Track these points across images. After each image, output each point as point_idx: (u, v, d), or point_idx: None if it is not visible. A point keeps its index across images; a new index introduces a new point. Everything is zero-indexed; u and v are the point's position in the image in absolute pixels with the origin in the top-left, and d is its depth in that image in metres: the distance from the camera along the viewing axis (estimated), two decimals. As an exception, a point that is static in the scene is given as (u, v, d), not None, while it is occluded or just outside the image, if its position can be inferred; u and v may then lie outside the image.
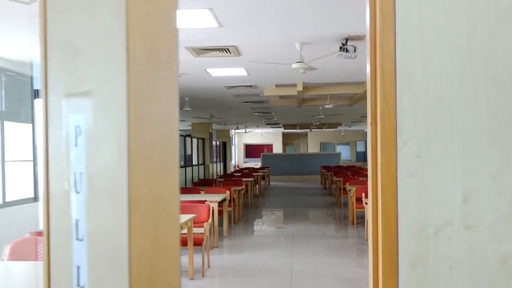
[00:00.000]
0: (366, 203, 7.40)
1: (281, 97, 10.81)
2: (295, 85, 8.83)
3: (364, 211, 9.79)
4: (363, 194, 7.84)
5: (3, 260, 3.73)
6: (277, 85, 9.08)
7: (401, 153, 1.03)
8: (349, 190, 9.65)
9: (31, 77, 7.03)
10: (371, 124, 1.10)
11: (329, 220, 10.32)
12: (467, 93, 1.00)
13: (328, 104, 9.99)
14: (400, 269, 1.00)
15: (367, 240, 7.71)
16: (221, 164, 23.21)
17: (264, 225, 9.63)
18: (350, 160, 29.60)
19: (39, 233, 4.19)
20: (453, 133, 1.01)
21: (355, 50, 5.20)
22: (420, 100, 1.01)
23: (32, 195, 7.04)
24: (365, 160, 29.03)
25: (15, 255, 3.75)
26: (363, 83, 8.87)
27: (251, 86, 9.10)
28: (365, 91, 8.91)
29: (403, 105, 1.02)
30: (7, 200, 6.39)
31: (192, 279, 5.53)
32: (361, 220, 9.76)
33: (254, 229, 9.26)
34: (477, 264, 0.98)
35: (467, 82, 1.00)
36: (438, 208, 1.01)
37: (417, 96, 1.02)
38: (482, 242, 0.98)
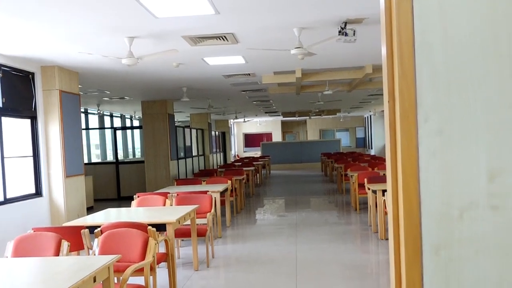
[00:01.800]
0: (369, 189, 7.35)
1: (279, 84, 10.72)
2: (293, 72, 8.74)
3: (366, 197, 9.77)
4: (365, 180, 7.80)
5: (7, 257, 3.69)
6: (275, 73, 8.99)
7: (421, 131, 0.96)
8: (351, 176, 9.61)
9: (33, 73, 6.94)
10: (388, 100, 1.04)
11: (332, 206, 10.30)
12: (490, 65, 0.93)
13: (327, 90, 9.90)
14: (423, 253, 0.95)
15: (370, 225, 7.69)
16: (221, 154, 23.16)
17: (267, 214, 9.60)
18: (350, 147, 29.58)
19: (43, 229, 4.14)
20: (477, 108, 0.95)
21: (354, 34, 5.11)
22: (441, 73, 0.94)
23: (34, 191, 6.99)
24: (365, 146, 29.02)
25: (18, 252, 3.70)
26: (362, 68, 8.79)
27: (249, 74, 9.01)
28: (365, 76, 8.85)
29: (422, 78, 0.95)
30: (8, 196, 6.34)
31: (197, 270, 5.50)
32: (363, 206, 9.73)
33: (256, 218, 9.23)
34: (505, 247, 0.92)
35: (490, 53, 0.94)
36: (462, 188, 0.94)
37: (437, 68, 0.95)
38: (509, 223, 0.92)
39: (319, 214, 9.17)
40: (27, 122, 6.94)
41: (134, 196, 6.51)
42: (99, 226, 4.25)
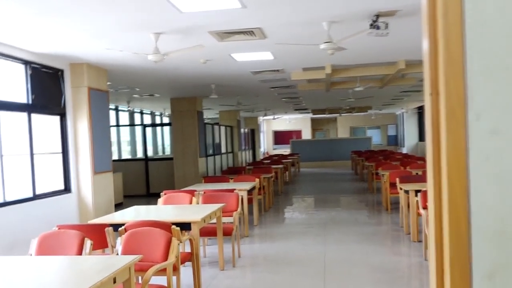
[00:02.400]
0: (401, 189, 7.09)
1: (309, 81, 10.51)
2: (323, 68, 8.53)
3: (398, 197, 9.48)
4: (397, 179, 7.54)
5: (31, 254, 3.66)
6: (304, 69, 8.80)
7: (472, 130, 0.79)
8: (382, 175, 9.34)
9: (62, 70, 6.98)
10: (430, 93, 0.87)
11: (362, 206, 10.05)
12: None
13: (358, 86, 9.64)
14: (474, 279, 0.78)
15: (402, 226, 7.43)
16: (250, 151, 23.08)
17: (295, 213, 9.44)
18: (381, 144, 29.01)
19: (67, 226, 4.12)
20: (541, 103, 0.77)
21: (386, 27, 4.88)
22: (497, 59, 0.77)
23: (62, 187, 7.04)
24: (396, 144, 28.42)
25: (42, 249, 3.68)
26: (394, 63, 8.50)
27: (277, 70, 8.85)
28: (397, 71, 8.55)
29: (474, 67, 0.78)
30: (37, 192, 6.39)
31: (223, 269, 5.40)
32: (394, 206, 9.44)
33: (285, 217, 9.08)
34: None
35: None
36: (521, 201, 0.77)
37: (493, 54, 0.78)
38: None
39: (348, 214, 8.95)
40: (56, 119, 6.98)
41: (161, 193, 6.47)
42: (123, 224, 4.20)
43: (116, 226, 4.29)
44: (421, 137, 24.09)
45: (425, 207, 5.48)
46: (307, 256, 5.92)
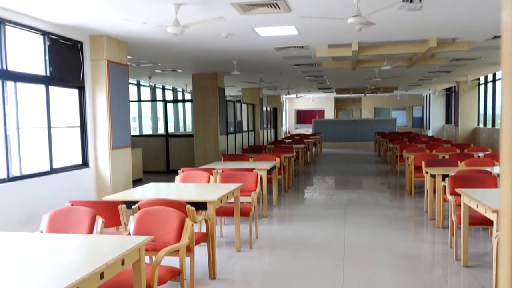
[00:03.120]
0: (427, 172, 6.80)
1: (334, 58, 10.17)
2: (349, 45, 8.19)
3: (422, 181, 9.17)
4: (423, 163, 7.24)
5: (42, 231, 3.57)
6: (330, 46, 8.47)
7: None
8: (407, 158, 9.03)
9: (81, 42, 6.84)
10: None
11: (384, 189, 9.78)
12: None
13: (386, 65, 9.26)
14: None
15: (426, 211, 7.17)
16: (272, 130, 22.86)
17: (315, 194, 9.24)
18: (406, 126, 28.41)
19: (80, 203, 4.01)
20: None
21: (420, 0, 4.55)
22: None
23: (80, 162, 6.98)
24: (422, 126, 27.78)
25: (53, 226, 3.58)
26: (425, 41, 8.09)
27: (302, 47, 8.54)
28: (428, 50, 8.15)
29: None
30: (55, 166, 6.33)
31: (239, 250, 5.26)
32: (418, 190, 9.15)
33: (304, 197, 8.90)
34: None
35: None
36: None
37: None
38: None
39: (370, 196, 8.70)
40: (74, 92, 6.88)
41: (179, 171, 6.34)
42: (137, 202, 4.07)
43: (130, 204, 4.17)
44: (448, 119, 23.42)
45: (452, 193, 5.21)
46: (326, 240, 5.73)
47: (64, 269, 2.39)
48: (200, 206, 4.36)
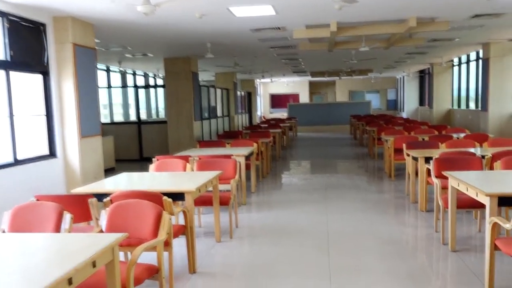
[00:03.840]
0: (408, 155, 6.67)
1: (311, 40, 9.91)
2: (327, 26, 7.94)
3: (402, 163, 9.08)
4: (403, 145, 7.11)
5: (4, 231, 3.23)
6: (307, 26, 8.21)
7: None
8: (386, 140, 8.92)
9: (44, 24, 6.39)
10: None
11: (363, 172, 9.67)
12: None
13: (364, 47, 9.07)
14: None
15: (407, 194, 7.06)
16: (247, 115, 22.56)
17: (294, 179, 9.05)
18: (380, 109, 28.53)
19: (46, 197, 3.68)
20: None
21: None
22: None
23: (47, 152, 6.58)
24: (396, 108, 27.95)
25: (15, 224, 3.24)
26: (404, 21, 7.91)
27: (278, 28, 8.25)
28: (407, 30, 7.96)
29: None
30: (19, 157, 5.92)
31: (219, 241, 5.02)
32: (397, 172, 9.07)
33: (283, 183, 8.70)
34: None
35: None
36: None
37: None
38: None
39: (350, 180, 8.57)
40: (38, 77, 6.44)
41: (153, 159, 6.02)
42: (109, 194, 3.77)
43: (102, 196, 3.86)
44: (422, 101, 23.59)
45: (438, 176, 5.07)
46: (308, 226, 5.54)
47: (27, 275, 2.11)
48: (177, 197, 4.08)
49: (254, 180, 7.87)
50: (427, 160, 5.95)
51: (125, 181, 4.64)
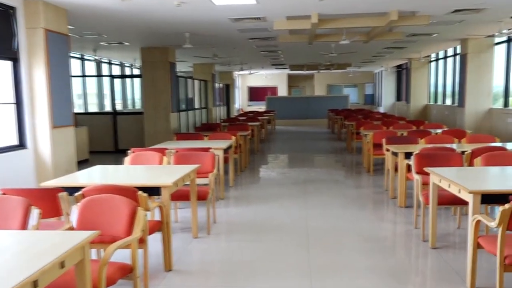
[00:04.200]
0: (388, 150, 6.63)
1: (291, 32, 9.79)
2: (308, 17, 7.82)
3: (381, 158, 9.07)
4: (383, 140, 7.07)
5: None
6: (288, 18, 8.07)
7: None
8: (365, 135, 8.88)
9: (13, 8, 6.08)
10: None
11: (341, 166, 9.63)
12: None
13: (344, 39, 8.99)
14: None
15: (386, 190, 7.03)
16: (224, 107, 22.35)
17: (273, 173, 8.95)
18: (358, 103, 28.68)
19: (12, 191, 3.47)
20: None
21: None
22: None
23: (17, 142, 6.30)
24: (373, 103, 28.14)
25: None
26: (385, 14, 7.85)
27: (259, 18, 8.09)
28: (388, 23, 7.90)
29: None
30: (-14, 147, 5.65)
31: (196, 237, 4.88)
32: (377, 167, 9.06)
33: (262, 177, 8.58)
34: None
35: None
36: None
37: None
38: None
39: (328, 175, 8.51)
40: (7, 64, 6.14)
41: (128, 151, 5.82)
42: (81, 188, 3.58)
43: (73, 190, 3.67)
44: (399, 96, 23.77)
45: (418, 172, 5.02)
46: (288, 222, 5.44)
47: (-14, 279, 1.92)
48: (153, 191, 3.91)
49: (232, 174, 7.73)
50: (407, 155, 5.92)
51: (98, 175, 4.44)
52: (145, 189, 3.74)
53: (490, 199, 3.48)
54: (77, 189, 3.67)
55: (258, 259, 4.21)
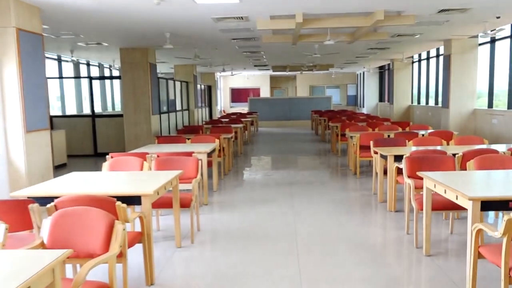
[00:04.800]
0: (376, 153, 6.47)
1: (274, 32, 9.58)
2: (293, 17, 7.62)
3: (367, 160, 8.92)
4: (371, 143, 6.90)
5: None
6: (272, 17, 7.85)
7: None
8: (350, 137, 8.72)
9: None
10: None
11: (327, 169, 9.44)
12: None
13: (329, 40, 8.81)
14: None
15: (375, 193, 6.87)
16: (207, 109, 22.05)
17: (257, 176, 8.72)
18: (340, 104, 28.66)
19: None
20: None
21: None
22: None
23: (-12, 147, 5.94)
24: (356, 104, 28.14)
25: None
26: (371, 14, 7.70)
27: (242, 18, 7.86)
28: (374, 23, 7.74)
29: None
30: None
31: (180, 247, 4.62)
32: (363, 169, 8.92)
33: (246, 181, 8.34)
34: None
35: None
36: None
37: None
38: None
39: (315, 178, 8.32)
40: (-24, 65, 5.79)
41: (107, 156, 5.53)
42: (54, 198, 3.30)
43: (47, 200, 3.39)
44: (381, 97, 23.80)
45: (410, 176, 4.86)
46: (275, 229, 5.22)
47: None
48: (133, 200, 3.65)
49: (216, 178, 7.48)
50: (397, 158, 5.76)
51: (74, 183, 4.15)
52: (124, 198, 3.48)
53: (489, 206, 3.31)
54: (51, 199, 3.39)
55: (245, 271, 3.98)
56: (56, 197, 3.34)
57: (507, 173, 4.23)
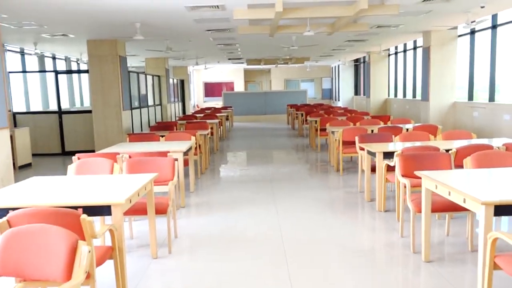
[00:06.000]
0: (362, 149, 6.13)
1: (251, 22, 9.14)
2: (272, 6, 7.21)
3: (349, 156, 8.62)
4: (356, 138, 6.57)
5: None
6: (249, 6, 7.42)
7: None
8: (333, 132, 8.38)
9: None
10: None
11: (308, 166, 9.10)
12: None
13: (309, 31, 8.43)
14: None
15: (361, 192, 6.55)
16: (180, 104, 21.45)
17: (236, 174, 8.30)
18: (315, 98, 28.45)
19: None
20: None
21: None
22: None
23: None
24: (331, 97, 27.98)
25: None
26: (354, 3, 7.35)
27: (217, 6, 7.39)
28: (357, 13, 7.35)
29: None
30: None
31: (156, 257, 4.17)
32: (345, 166, 8.61)
33: (224, 179, 7.91)
34: None
35: None
36: None
37: None
38: None
39: (296, 175, 7.95)
40: None
41: (74, 157, 5.02)
42: (9, 209, 2.82)
43: (2, 212, 2.91)
44: (357, 90, 23.65)
45: (404, 175, 4.53)
46: (259, 233, 4.83)
47: None
48: (102, 210, 3.19)
49: (193, 178, 7.03)
50: (386, 155, 5.44)
51: (34, 190, 3.64)
52: (92, 208, 3.02)
53: (504, 210, 2.98)
54: (5, 210, 2.91)
55: (229, 283, 3.56)
56: (12, 209, 2.86)
57: None
